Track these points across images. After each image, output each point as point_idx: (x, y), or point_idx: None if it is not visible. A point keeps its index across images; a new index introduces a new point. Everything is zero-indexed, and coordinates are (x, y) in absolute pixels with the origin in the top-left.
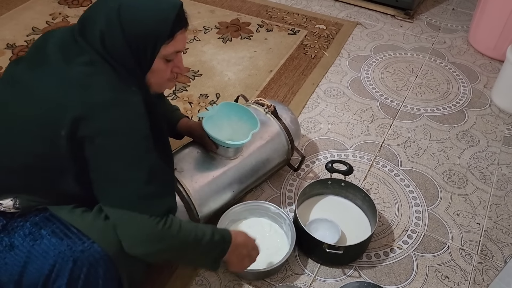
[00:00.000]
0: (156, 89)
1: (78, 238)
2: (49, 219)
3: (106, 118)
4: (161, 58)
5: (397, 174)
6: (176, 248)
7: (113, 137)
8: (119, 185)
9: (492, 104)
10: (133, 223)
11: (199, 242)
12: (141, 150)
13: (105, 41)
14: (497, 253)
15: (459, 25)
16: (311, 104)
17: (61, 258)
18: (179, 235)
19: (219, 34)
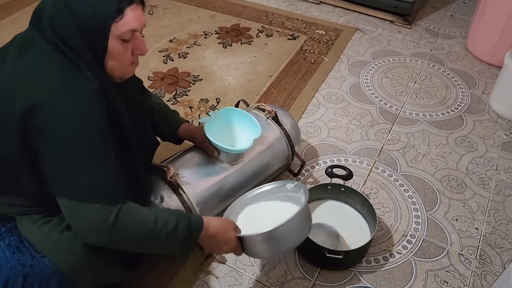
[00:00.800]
0: (118, 74)
1: (29, 252)
2: (10, 230)
3: (52, 105)
4: (115, 39)
5: (396, 179)
6: (130, 238)
7: (59, 126)
8: (66, 176)
9: (490, 110)
10: (81, 214)
11: (158, 232)
12: (88, 139)
13: (55, 28)
14: (496, 258)
15: (458, 31)
16: (311, 109)
17: (12, 273)
18: (132, 225)
19: (219, 39)
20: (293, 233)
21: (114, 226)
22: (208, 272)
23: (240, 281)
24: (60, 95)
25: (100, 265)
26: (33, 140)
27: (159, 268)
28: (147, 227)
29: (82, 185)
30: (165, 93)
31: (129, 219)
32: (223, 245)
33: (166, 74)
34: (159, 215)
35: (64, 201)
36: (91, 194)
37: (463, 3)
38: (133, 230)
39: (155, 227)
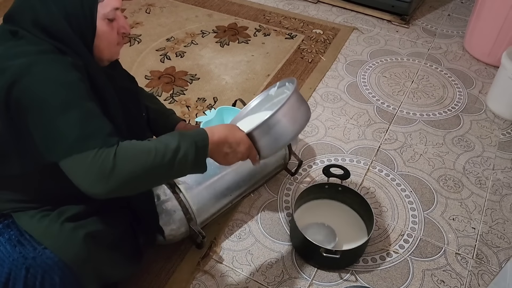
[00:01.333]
0: (107, 55)
1: (30, 244)
2: (9, 226)
3: (31, 76)
4: (102, 19)
5: (394, 178)
6: (136, 174)
7: (40, 90)
8: (57, 135)
9: (487, 110)
10: (81, 166)
11: (162, 158)
12: (72, 95)
13: (39, 21)
14: (493, 257)
15: (455, 31)
16: None
17: (15, 266)
18: (133, 160)
19: (216, 38)
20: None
21: (114, 167)
22: (205, 271)
23: (237, 281)
24: (37, 65)
25: (101, 256)
26: (19, 116)
27: (156, 267)
28: (150, 157)
29: (74, 138)
30: (162, 92)
31: (127, 156)
32: (237, 146)
33: (163, 73)
34: (157, 142)
35: (64, 163)
36: (84, 144)
37: (460, 2)
38: (135, 164)
39: (157, 154)
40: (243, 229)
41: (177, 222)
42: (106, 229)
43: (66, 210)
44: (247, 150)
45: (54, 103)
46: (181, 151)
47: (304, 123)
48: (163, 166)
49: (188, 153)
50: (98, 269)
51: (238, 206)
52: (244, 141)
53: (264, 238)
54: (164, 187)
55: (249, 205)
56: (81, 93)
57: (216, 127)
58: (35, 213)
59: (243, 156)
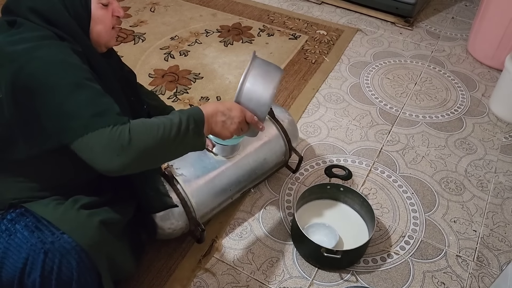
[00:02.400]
0: (104, 39)
1: (48, 230)
2: (23, 214)
3: (35, 61)
4: (97, 3)
5: (395, 180)
6: (149, 148)
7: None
8: (70, 117)
9: (490, 113)
10: (97, 144)
11: (169, 132)
12: (78, 76)
13: (36, 9)
14: (493, 260)
15: (458, 34)
16: (311, 109)
17: (33, 251)
18: (146, 135)
19: (220, 38)
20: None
21: (131, 141)
22: (206, 269)
23: (238, 279)
24: (41, 49)
25: (114, 244)
26: (27, 100)
27: (157, 264)
28: (159, 131)
29: (88, 117)
30: (165, 91)
31: (141, 131)
32: (229, 111)
33: (167, 72)
34: (162, 118)
35: (78, 143)
36: (98, 121)
37: (464, 5)
38: (148, 138)
39: (165, 128)
40: (245, 227)
41: (176, 215)
42: (117, 218)
43: (79, 199)
44: (240, 113)
45: (63, 84)
46: (183, 123)
47: (277, 77)
48: (171, 139)
49: (189, 124)
50: (111, 257)
51: (239, 205)
52: (234, 105)
53: (265, 237)
54: (163, 180)
55: (250, 204)
56: (87, 74)
57: (205, 104)
58: (49, 201)
59: (241, 121)
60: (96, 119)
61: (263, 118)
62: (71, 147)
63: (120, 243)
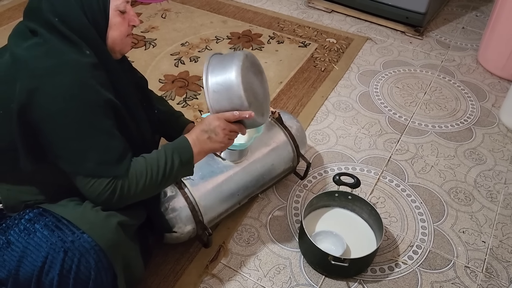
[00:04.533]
0: (119, 46)
1: (69, 229)
2: (42, 214)
3: (49, 86)
4: (114, 11)
5: (404, 189)
6: (137, 195)
7: (58, 106)
8: (71, 154)
9: (500, 123)
10: (91, 190)
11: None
12: (89, 115)
13: (55, 9)
14: (502, 272)
15: (469, 44)
16: (320, 116)
17: (52, 249)
18: (136, 188)
19: (230, 44)
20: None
21: (121, 196)
22: (213, 275)
23: (245, 285)
24: (55, 74)
25: (129, 245)
26: (34, 122)
27: (165, 269)
28: (147, 181)
29: (88, 162)
30: (175, 96)
31: (133, 185)
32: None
33: (177, 77)
34: (148, 161)
35: (75, 177)
36: (96, 170)
37: (475, 16)
38: (137, 190)
39: (152, 175)
40: (252, 234)
41: (183, 219)
42: (132, 221)
43: None
44: (218, 120)
45: (72, 121)
46: (168, 162)
47: (234, 60)
48: (158, 180)
49: (174, 159)
50: (126, 258)
51: (247, 211)
52: (209, 117)
53: (272, 244)
54: (172, 185)
55: (258, 211)
56: (100, 108)
57: (191, 132)
58: (66, 202)
59: (224, 127)
60: (100, 168)
61: (246, 105)
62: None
63: (134, 245)
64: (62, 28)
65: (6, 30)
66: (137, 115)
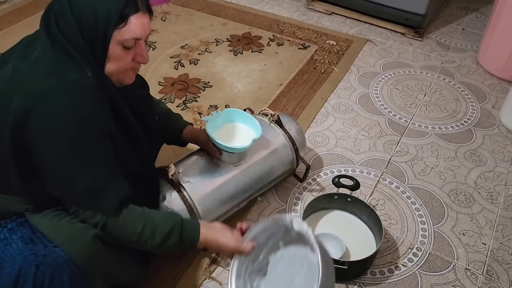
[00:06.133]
0: (116, 78)
1: (42, 242)
2: (22, 224)
3: (46, 107)
4: (117, 44)
5: (404, 191)
6: (121, 240)
7: (52, 129)
8: (60, 178)
9: (501, 125)
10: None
11: (145, 243)
12: (83, 142)
13: (58, 23)
14: (503, 274)
15: (469, 45)
16: (320, 118)
17: (25, 263)
18: (120, 233)
19: (230, 47)
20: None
21: (103, 232)
22: (212, 278)
23: None
24: (54, 95)
25: (111, 257)
26: (27, 141)
27: (163, 272)
28: (134, 237)
29: (76, 189)
30: (175, 99)
31: (117, 228)
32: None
33: (177, 80)
34: (148, 223)
35: (62, 199)
36: (83, 199)
37: (475, 17)
38: (122, 236)
39: (140, 237)
40: None
41: None
42: None
43: None
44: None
45: (65, 146)
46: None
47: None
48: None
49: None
50: (106, 270)
51: (246, 214)
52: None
53: None
54: (169, 186)
55: (257, 213)
56: (96, 134)
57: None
58: (48, 212)
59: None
60: (92, 201)
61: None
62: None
63: (117, 255)
64: (67, 45)
65: (7, 34)
66: (135, 131)
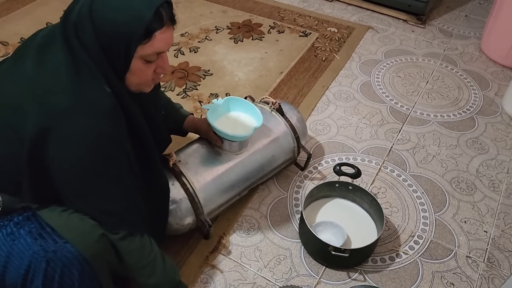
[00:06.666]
0: (136, 88)
1: (51, 238)
2: (29, 218)
3: (65, 130)
4: (139, 59)
5: (405, 179)
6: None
7: (71, 152)
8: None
9: (503, 112)
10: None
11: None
12: (102, 165)
13: (78, 35)
14: (504, 262)
15: (472, 32)
16: (321, 106)
17: (35, 259)
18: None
19: (230, 34)
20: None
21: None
22: (213, 266)
23: (245, 276)
24: (74, 116)
25: (116, 253)
26: (45, 160)
27: None
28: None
29: (91, 209)
30: (175, 87)
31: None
32: None
33: (177, 68)
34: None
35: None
36: (98, 219)
37: (478, 3)
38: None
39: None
40: (252, 225)
41: (183, 211)
42: None
43: None
44: None
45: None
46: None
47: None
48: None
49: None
50: (113, 264)
51: (247, 202)
52: None
53: (273, 234)
54: (170, 175)
55: (258, 202)
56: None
57: None
58: (55, 207)
59: None
60: (96, 215)
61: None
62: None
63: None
64: (87, 59)
65: (5, 22)
66: (147, 141)
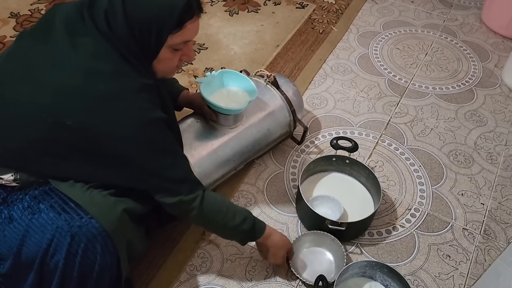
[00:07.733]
0: (161, 75)
1: (76, 213)
2: (48, 193)
3: (113, 112)
4: (167, 47)
5: (403, 152)
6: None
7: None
8: (150, 176)
9: (503, 84)
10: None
11: (226, 223)
12: (159, 139)
13: (109, 22)
14: (500, 233)
15: (472, 2)
16: (318, 80)
17: (59, 233)
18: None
19: (226, 7)
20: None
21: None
22: (209, 241)
23: (242, 251)
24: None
25: (135, 229)
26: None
27: (161, 236)
28: (219, 216)
29: (167, 182)
30: None
31: (208, 206)
32: (272, 257)
33: None
34: (230, 208)
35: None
36: (177, 188)
37: None
38: (210, 216)
39: (225, 217)
40: (249, 200)
41: None
42: (137, 209)
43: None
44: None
45: (144, 148)
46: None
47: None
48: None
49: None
50: (130, 241)
51: (244, 177)
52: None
53: (269, 209)
54: None
55: (255, 177)
56: (166, 130)
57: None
58: (72, 182)
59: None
60: (178, 186)
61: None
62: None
63: (138, 229)
64: (120, 46)
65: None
66: (174, 124)
